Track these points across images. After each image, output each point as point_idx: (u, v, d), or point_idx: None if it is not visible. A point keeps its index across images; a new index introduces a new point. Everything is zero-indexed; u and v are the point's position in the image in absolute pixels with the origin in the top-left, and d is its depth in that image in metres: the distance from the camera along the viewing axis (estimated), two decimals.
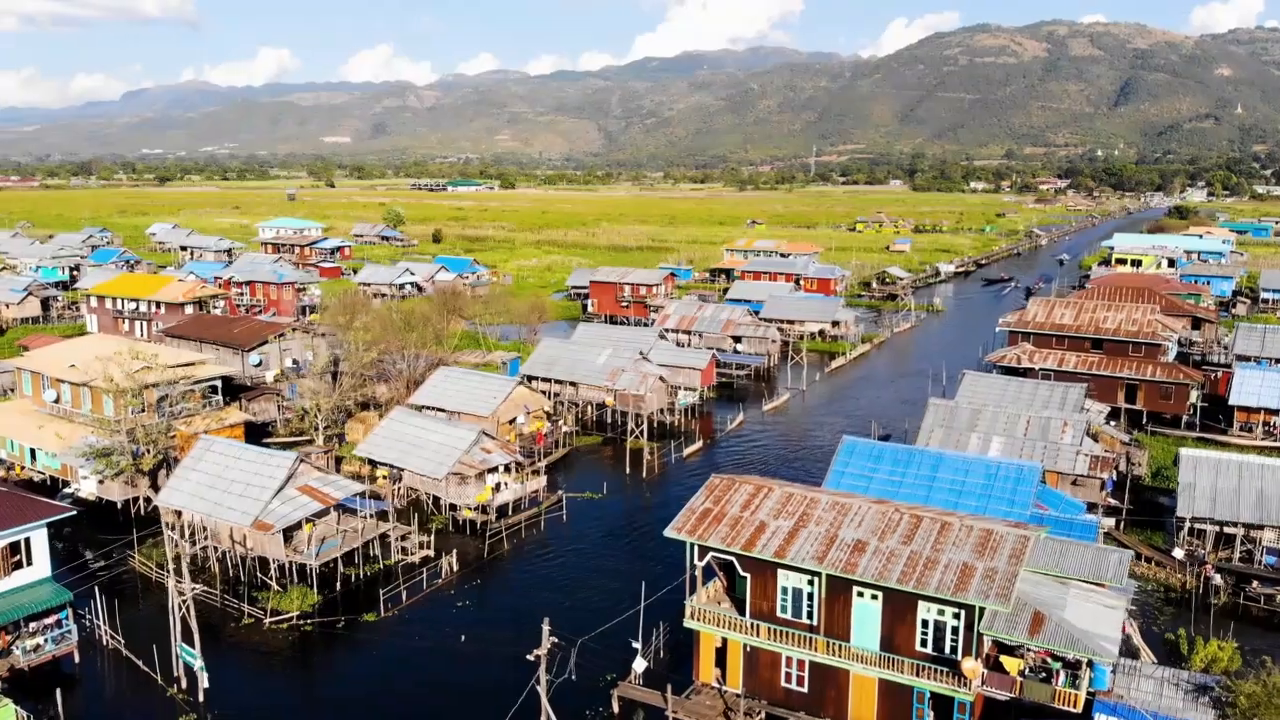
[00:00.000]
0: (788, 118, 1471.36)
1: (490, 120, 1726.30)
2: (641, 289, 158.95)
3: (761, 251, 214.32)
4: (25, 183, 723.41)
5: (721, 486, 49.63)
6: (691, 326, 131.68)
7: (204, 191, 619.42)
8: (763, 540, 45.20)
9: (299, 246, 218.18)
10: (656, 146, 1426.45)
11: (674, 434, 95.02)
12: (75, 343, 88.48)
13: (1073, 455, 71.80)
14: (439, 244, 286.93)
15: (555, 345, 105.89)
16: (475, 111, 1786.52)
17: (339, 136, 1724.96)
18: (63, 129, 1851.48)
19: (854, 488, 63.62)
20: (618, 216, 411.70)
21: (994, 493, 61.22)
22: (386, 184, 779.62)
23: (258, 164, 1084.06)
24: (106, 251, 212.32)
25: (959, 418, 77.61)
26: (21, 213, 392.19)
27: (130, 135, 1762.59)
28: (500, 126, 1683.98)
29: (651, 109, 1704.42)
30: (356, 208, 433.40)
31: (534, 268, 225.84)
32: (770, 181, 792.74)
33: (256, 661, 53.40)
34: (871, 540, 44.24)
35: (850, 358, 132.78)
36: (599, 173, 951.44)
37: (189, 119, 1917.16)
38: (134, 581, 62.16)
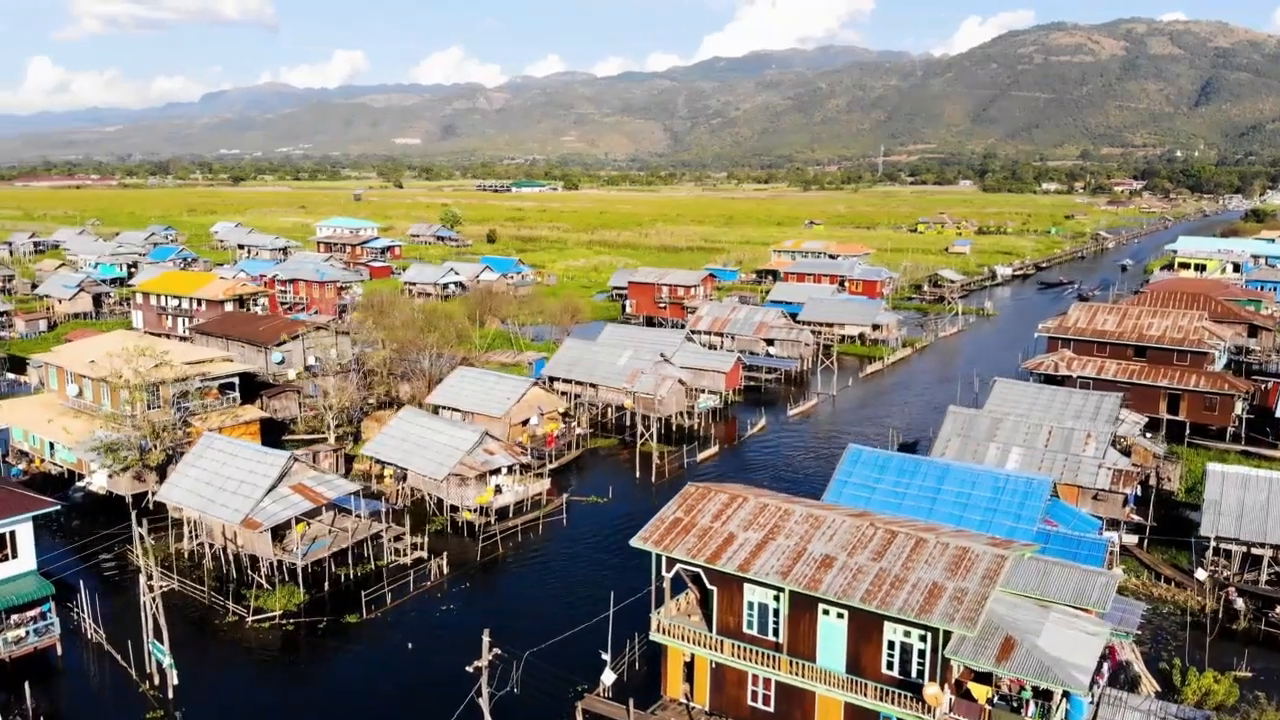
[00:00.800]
0: (856, 117, 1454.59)
1: (557, 121, 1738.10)
2: (679, 290, 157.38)
3: (809, 253, 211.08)
4: (104, 181, 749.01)
5: (695, 495, 48.04)
6: (724, 329, 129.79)
7: (275, 191, 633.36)
8: (729, 553, 43.54)
9: (350, 246, 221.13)
10: (722, 147, 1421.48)
11: (692, 438, 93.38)
12: (101, 338, 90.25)
13: (1094, 469, 68.46)
14: (493, 244, 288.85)
15: (577, 346, 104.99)
16: (543, 113, 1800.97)
17: (410, 138, 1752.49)
18: (144, 129, 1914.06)
19: (856, 499, 61.78)
20: (674, 217, 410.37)
21: (1000, 507, 58.64)
22: (453, 185, 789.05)
23: (330, 165, 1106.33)
24: (164, 249, 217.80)
25: (978, 427, 74.66)
26: (95, 211, 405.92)
27: (209, 136, 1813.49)
28: (567, 128, 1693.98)
29: (718, 109, 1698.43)
30: (419, 208, 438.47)
31: (581, 268, 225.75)
32: (836, 181, 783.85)
33: (232, 659, 53.34)
34: (840, 555, 42.29)
35: (888, 362, 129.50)
36: (662, 173, 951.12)
37: (266, 120, 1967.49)
38: (130, 576, 62.60)
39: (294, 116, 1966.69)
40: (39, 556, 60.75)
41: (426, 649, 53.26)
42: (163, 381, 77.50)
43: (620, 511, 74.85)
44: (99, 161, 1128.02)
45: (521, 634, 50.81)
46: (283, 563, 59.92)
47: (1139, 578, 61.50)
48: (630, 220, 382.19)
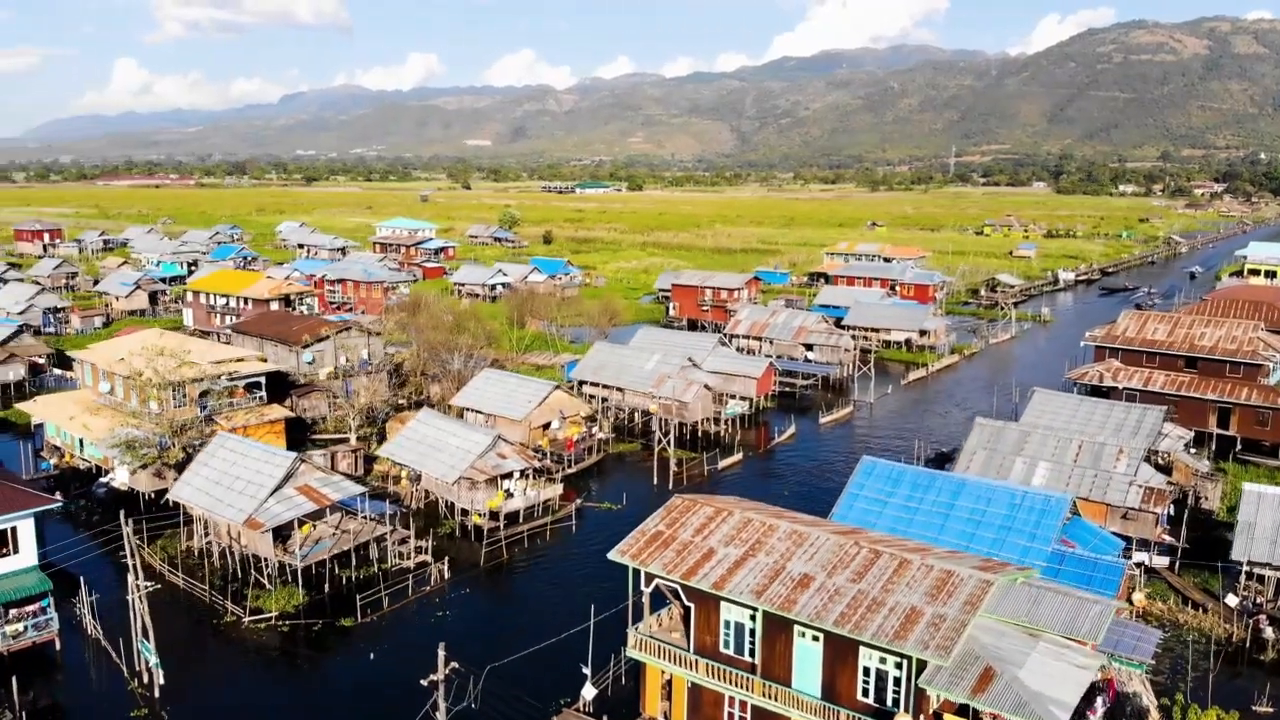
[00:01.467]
0: (929, 117, 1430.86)
1: (625, 123, 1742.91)
2: (722, 293, 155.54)
3: (862, 255, 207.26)
4: (182, 181, 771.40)
5: (680, 508, 46.70)
6: (762, 333, 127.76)
7: (345, 192, 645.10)
8: (705, 569, 42.13)
9: (405, 247, 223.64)
10: (790, 147, 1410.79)
11: (718, 445, 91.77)
12: (134, 336, 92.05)
13: (1124, 486, 65.28)
14: (549, 245, 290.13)
15: (606, 350, 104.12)
16: (610, 114, 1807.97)
17: (480, 139, 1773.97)
18: (223, 130, 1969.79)
19: (866, 513, 59.93)
20: (734, 218, 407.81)
21: (1015, 525, 56.18)
22: (519, 186, 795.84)
23: (401, 166, 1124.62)
24: (226, 248, 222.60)
25: (1005, 440, 71.84)
26: (170, 210, 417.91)
27: (286, 137, 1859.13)
28: (634, 129, 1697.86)
29: (787, 109, 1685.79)
30: (482, 209, 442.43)
31: (631, 270, 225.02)
32: (905, 182, 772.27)
33: (223, 660, 53.56)
34: (819, 575, 40.58)
35: (933, 370, 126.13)
36: (728, 174, 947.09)
37: (341, 121, 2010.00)
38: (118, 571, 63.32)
39: (367, 118, 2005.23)
40: (54, 552, 62.47)
41: (411, 656, 52.61)
42: (186, 380, 78.55)
43: (632, 518, 72.92)
44: (179, 161, 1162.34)
45: (507, 643, 50.11)
46: (284, 564, 60.05)
47: (1165, 602, 58.35)
48: (688, 222, 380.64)
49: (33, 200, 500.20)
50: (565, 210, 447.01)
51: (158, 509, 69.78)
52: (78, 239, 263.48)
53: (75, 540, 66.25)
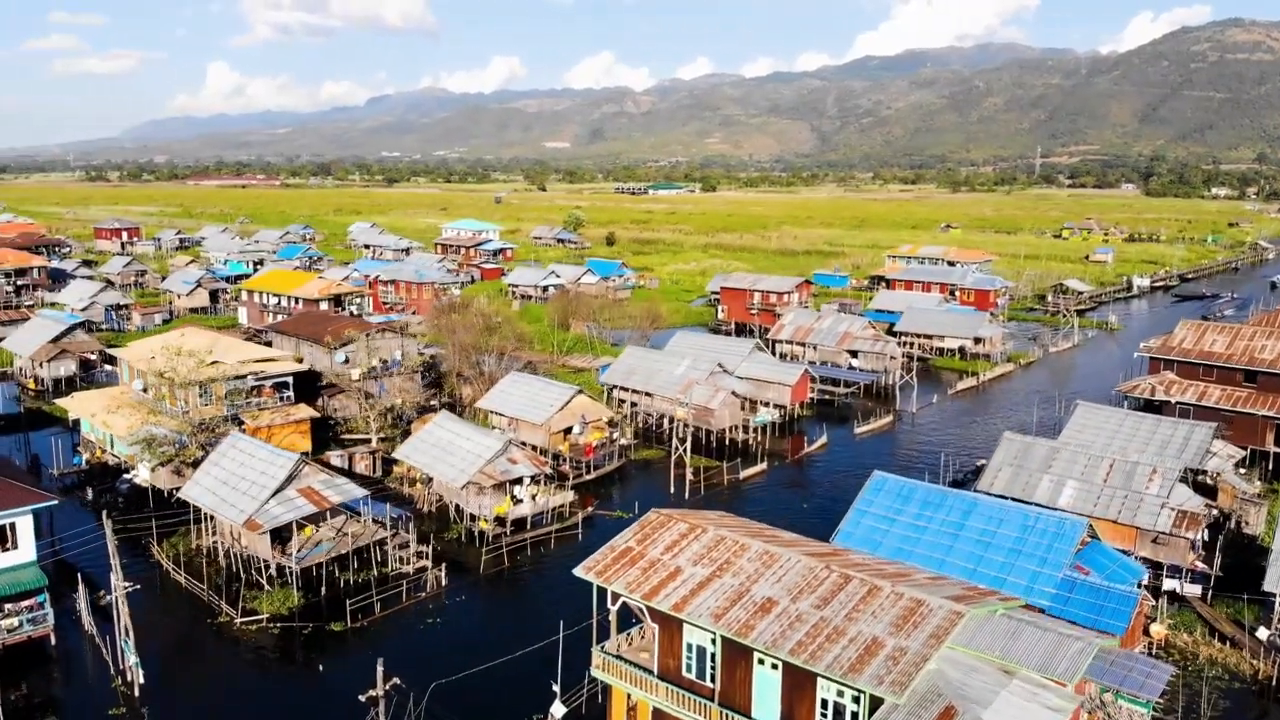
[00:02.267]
0: (1015, 116, 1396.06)
1: (702, 124, 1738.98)
2: (771, 296, 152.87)
3: (925, 258, 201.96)
4: (268, 182, 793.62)
5: (654, 523, 45.10)
6: (806, 338, 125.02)
7: (423, 193, 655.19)
8: (668, 589, 40.48)
9: (465, 248, 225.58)
10: (871, 146, 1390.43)
11: (745, 453, 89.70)
12: (171, 334, 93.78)
13: (1156, 508, 61.48)
14: (611, 246, 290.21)
15: (637, 354, 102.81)
16: (688, 115, 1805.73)
17: (559, 141, 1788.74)
18: (311, 132, 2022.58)
19: (873, 530, 57.71)
20: (804, 219, 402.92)
21: (1025, 549, 53.31)
22: (593, 188, 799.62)
23: (481, 168, 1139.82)
24: (293, 248, 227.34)
25: (1033, 456, 68.47)
26: (251, 209, 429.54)
27: (371, 139, 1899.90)
28: (712, 129, 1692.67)
29: (869, 108, 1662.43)
30: (552, 211, 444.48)
31: (688, 271, 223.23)
32: (988, 183, 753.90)
33: (207, 660, 53.74)
34: (783, 600, 38.61)
35: (985, 379, 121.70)
36: (804, 174, 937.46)
37: (424, 124, 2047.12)
38: (144, 570, 64.22)
39: (450, 120, 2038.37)
40: (71, 546, 63.73)
41: (389, 666, 52.04)
42: (208, 379, 79.69)
43: None
44: (268, 162, 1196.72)
45: (489, 655, 49.20)
46: (282, 566, 60.13)
47: (1191, 634, 54.64)
48: (756, 223, 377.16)
49: (122, 199, 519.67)
50: (634, 212, 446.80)
51: (173, 506, 70.71)
52: (155, 237, 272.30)
53: (94, 535, 67.41)
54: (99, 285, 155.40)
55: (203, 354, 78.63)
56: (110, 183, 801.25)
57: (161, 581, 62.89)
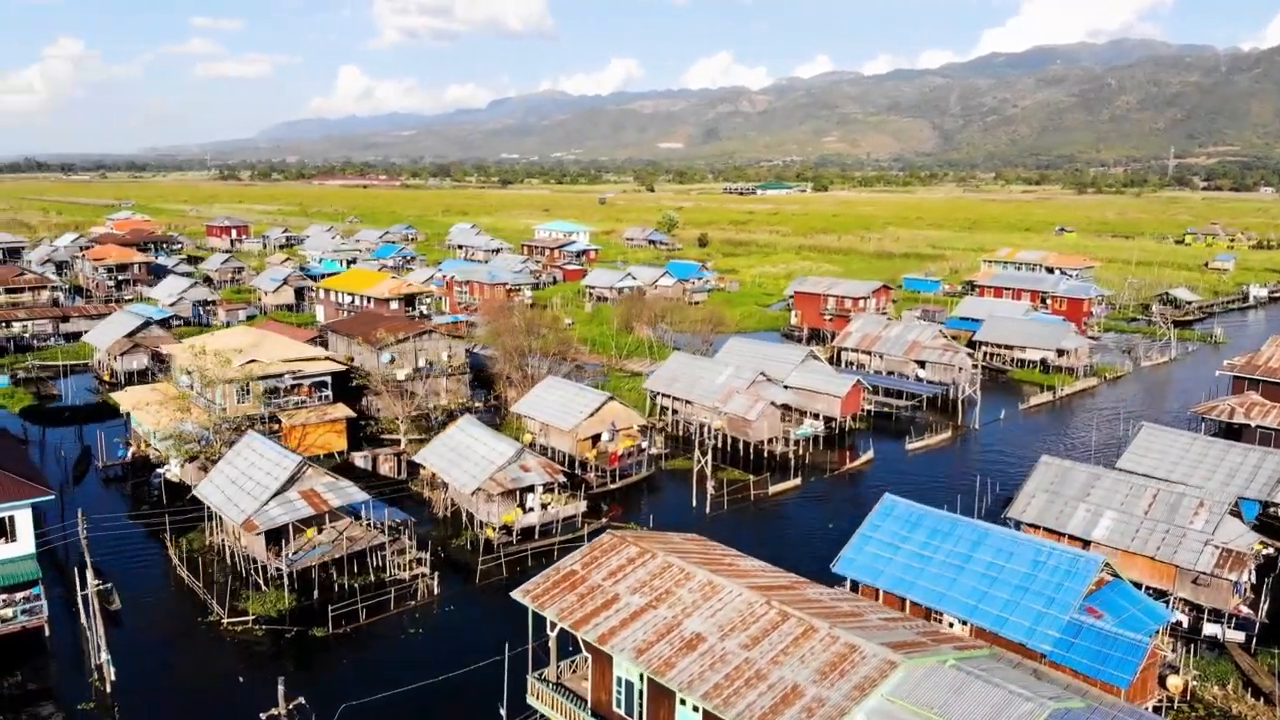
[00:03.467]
0: (1148, 116, 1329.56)
1: (819, 122, 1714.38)
2: (846, 301, 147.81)
3: (1023, 264, 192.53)
4: (389, 182, 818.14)
5: (604, 546, 42.93)
6: (872, 347, 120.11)
7: (533, 194, 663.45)
8: (599, 619, 38.29)
9: (549, 249, 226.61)
10: (995, 146, 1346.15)
11: (784, 467, 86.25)
12: (224, 333, 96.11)
13: (1199, 546, 55.79)
14: (704, 248, 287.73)
15: (681, 360, 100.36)
16: (805, 114, 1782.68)
17: (673, 142, 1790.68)
18: (435, 134, 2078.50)
19: (876, 558, 54.38)
20: (912, 220, 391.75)
21: (1033, 587, 49.01)
22: (700, 188, 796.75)
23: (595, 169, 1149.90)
24: (388, 248, 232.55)
25: (1071, 482, 63.28)
26: (365, 209, 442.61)
27: (492, 141, 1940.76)
28: (829, 128, 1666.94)
29: (993, 106, 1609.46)
30: (655, 211, 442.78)
31: (774, 274, 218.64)
32: (1116, 185, 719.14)
33: (186, 658, 53.91)
34: (712, 636, 35.93)
35: (1063, 393, 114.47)
36: (923, 174, 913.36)
37: (543, 126, 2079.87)
38: (155, 563, 65.41)
39: (568, 123, 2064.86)
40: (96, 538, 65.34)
41: (363, 673, 51.31)
42: (248, 377, 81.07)
43: None
44: (392, 163, 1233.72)
45: (434, 671, 47.90)
46: (278, 567, 60.22)
47: (1224, 687, 49.17)
48: (860, 224, 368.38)
49: (246, 197, 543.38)
50: (736, 213, 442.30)
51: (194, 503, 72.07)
52: (263, 235, 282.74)
53: (102, 528, 69.12)
54: (189, 281, 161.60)
55: (230, 352, 79.92)
56: (241, 182, 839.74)
57: (170, 578, 63.85)
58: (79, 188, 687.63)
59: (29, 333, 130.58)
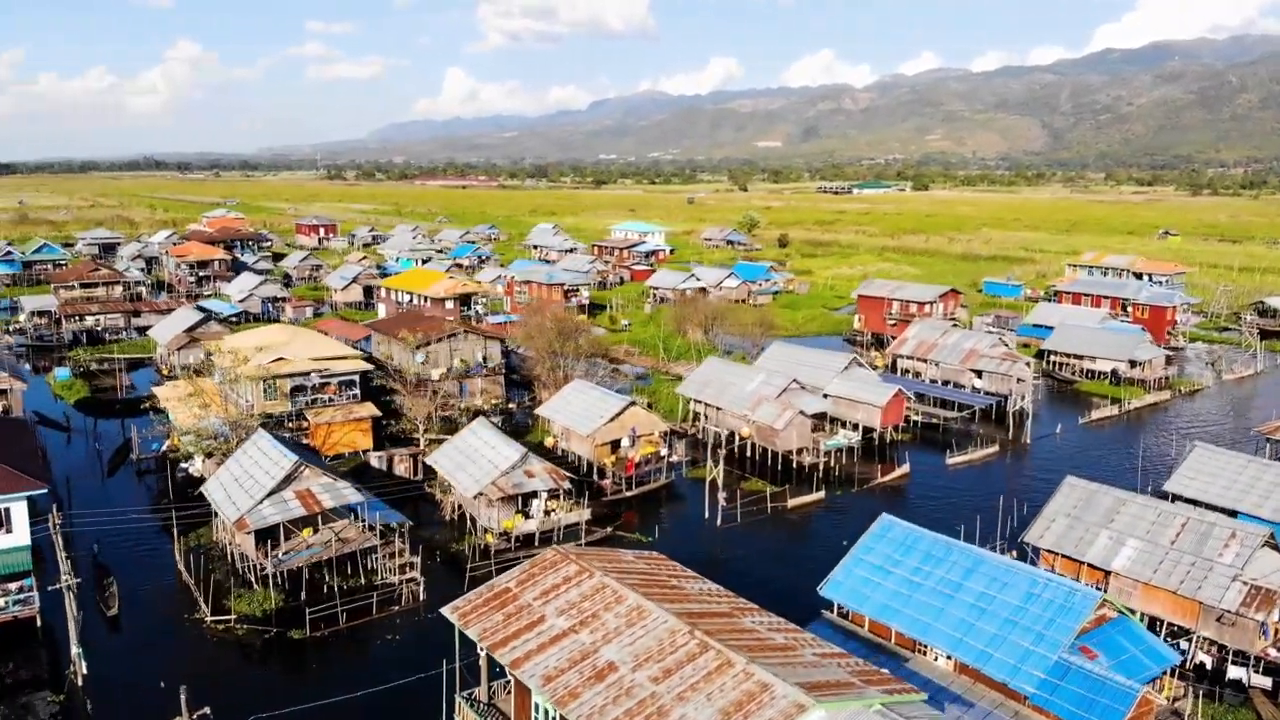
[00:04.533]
0: (1271, 115, 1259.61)
1: (923, 120, 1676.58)
2: (911, 306, 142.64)
3: (1109, 269, 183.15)
4: (487, 183, 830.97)
5: (544, 563, 41.16)
6: (928, 354, 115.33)
7: (623, 194, 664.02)
8: (517, 642, 36.53)
9: (618, 249, 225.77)
10: (1107, 145, 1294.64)
11: (812, 479, 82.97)
12: (259, 330, 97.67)
13: (1225, 581, 50.95)
14: (784, 248, 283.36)
15: (714, 366, 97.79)
16: (908, 112, 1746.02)
17: (771, 141, 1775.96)
18: (537, 135, 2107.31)
19: (865, 582, 51.50)
20: (1009, 221, 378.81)
21: (1023, 621, 45.40)
22: (794, 187, 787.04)
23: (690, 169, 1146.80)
24: (464, 247, 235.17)
25: (1095, 507, 58.79)
26: (458, 209, 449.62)
27: (591, 141, 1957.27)
28: (933, 126, 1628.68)
29: (1106, 104, 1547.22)
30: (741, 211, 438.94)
31: (849, 276, 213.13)
32: (1234, 186, 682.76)
33: (161, 656, 54.05)
34: (625, 666, 33.81)
35: (1130, 407, 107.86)
36: (1029, 173, 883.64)
37: (641, 126, 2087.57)
38: (160, 558, 66.31)
39: (666, 123, 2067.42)
40: (109, 530, 66.97)
41: (296, 682, 50.62)
42: (266, 375, 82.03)
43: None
44: (494, 164, 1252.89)
45: (375, 683, 46.91)
46: (264, 566, 60.31)
47: None
48: (953, 224, 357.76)
49: (346, 197, 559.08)
50: (826, 212, 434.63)
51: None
52: (350, 234, 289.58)
53: (135, 520, 70.64)
54: (260, 278, 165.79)
55: (250, 350, 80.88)
56: (346, 181, 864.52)
57: (172, 574, 64.65)
58: (191, 186, 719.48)
59: (101, 326, 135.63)
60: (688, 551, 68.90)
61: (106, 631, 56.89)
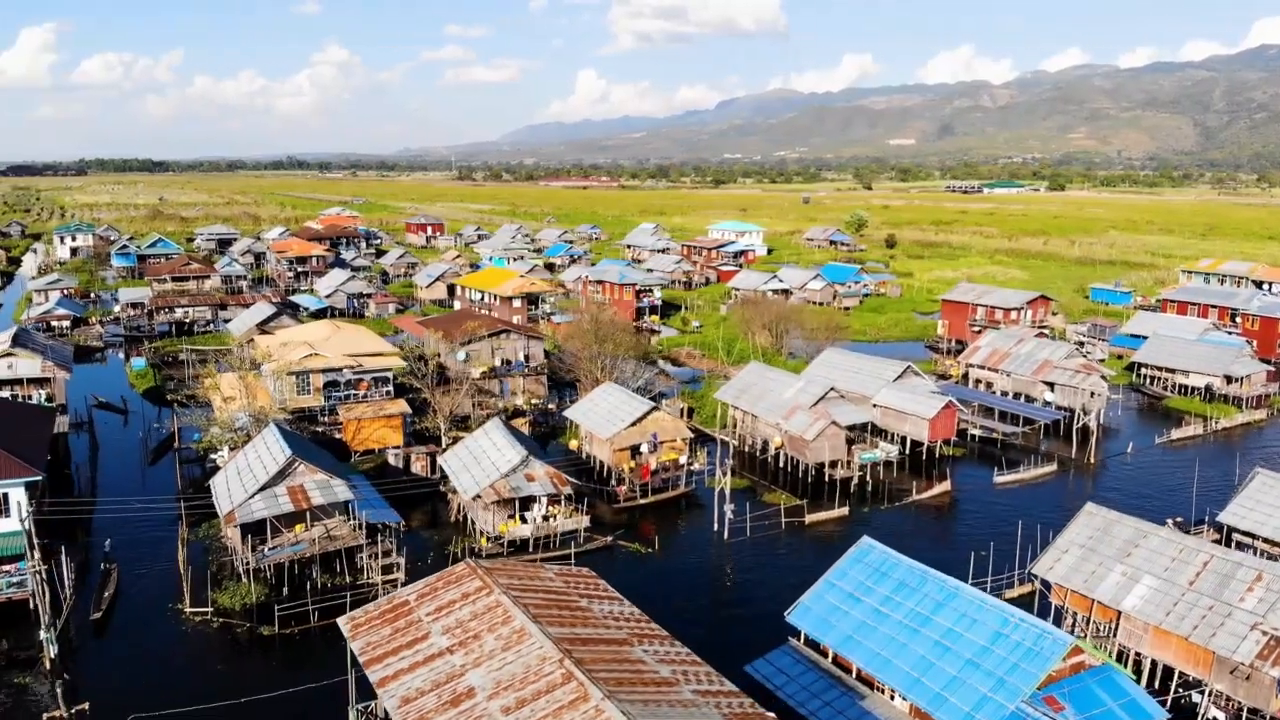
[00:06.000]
0: None
1: (1065, 118, 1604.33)
2: (996, 313, 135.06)
3: (1227, 277, 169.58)
4: (608, 184, 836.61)
5: (453, 576, 39.57)
6: (1000, 364, 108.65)
7: (741, 194, 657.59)
8: (395, 659, 35.01)
9: (706, 249, 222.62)
10: (1264, 145, 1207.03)
11: (843, 493, 78.75)
12: (302, 327, 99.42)
13: (1243, 630, 45.11)
14: (891, 249, 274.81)
15: (756, 371, 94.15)
16: (1050, 109, 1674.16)
17: (904, 139, 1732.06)
18: (663, 136, 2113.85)
19: (832, 610, 48.51)
20: (1141, 225, 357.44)
21: (986, 662, 41.40)
22: (921, 186, 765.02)
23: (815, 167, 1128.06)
24: (558, 247, 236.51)
25: (1113, 539, 53.28)
26: (571, 209, 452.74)
27: (718, 141, 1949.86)
28: (1076, 124, 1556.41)
29: (1264, 102, 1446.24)
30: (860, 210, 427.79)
31: (949, 280, 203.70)
32: None
33: (131, 643, 54.87)
34: (483, 693, 31.79)
35: (1217, 426, 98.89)
36: (1175, 174, 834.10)
37: (768, 125, 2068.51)
38: (165, 547, 67.62)
39: (794, 121, 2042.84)
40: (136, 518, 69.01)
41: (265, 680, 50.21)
42: (286, 369, 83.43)
43: (652, 570, 65.18)
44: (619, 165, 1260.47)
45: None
46: (246, 561, 60.64)
47: None
48: (1081, 227, 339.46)
49: (467, 197, 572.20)
50: (948, 212, 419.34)
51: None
52: (459, 232, 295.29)
53: (157, 509, 72.39)
54: (348, 274, 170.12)
55: (274, 347, 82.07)
56: (474, 182, 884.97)
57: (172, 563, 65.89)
58: (325, 185, 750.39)
59: (190, 318, 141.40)
60: (685, 564, 66.69)
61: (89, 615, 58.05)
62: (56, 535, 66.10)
